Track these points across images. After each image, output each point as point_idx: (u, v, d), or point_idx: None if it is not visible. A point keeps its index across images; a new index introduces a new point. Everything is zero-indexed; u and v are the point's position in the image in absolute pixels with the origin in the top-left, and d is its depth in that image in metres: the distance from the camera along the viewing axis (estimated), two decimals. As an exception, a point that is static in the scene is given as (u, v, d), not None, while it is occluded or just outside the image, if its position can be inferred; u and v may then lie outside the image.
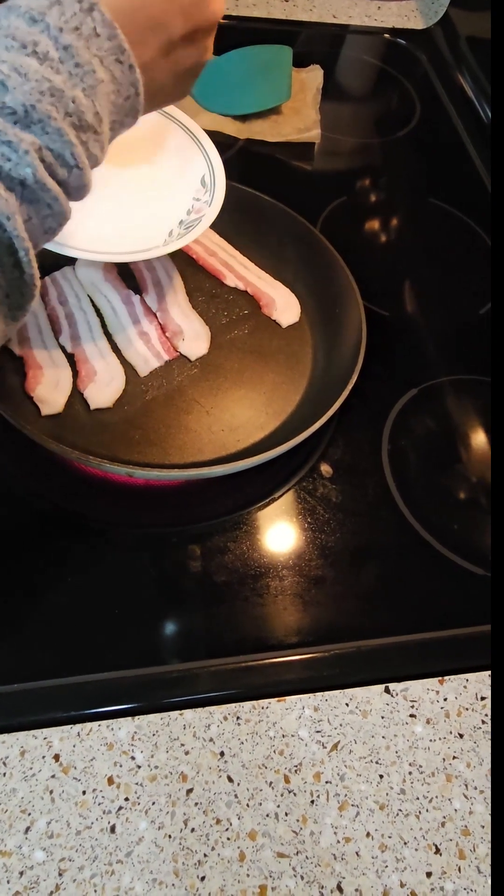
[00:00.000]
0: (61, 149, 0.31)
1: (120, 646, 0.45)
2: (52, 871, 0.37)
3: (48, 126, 0.30)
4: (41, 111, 0.30)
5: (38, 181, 0.30)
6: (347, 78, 0.90)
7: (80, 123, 0.32)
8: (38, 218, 0.31)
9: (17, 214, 0.29)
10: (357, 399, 0.54)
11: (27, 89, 0.30)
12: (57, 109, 0.31)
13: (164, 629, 0.46)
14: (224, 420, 0.55)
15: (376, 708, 0.45)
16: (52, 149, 0.31)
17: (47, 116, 0.30)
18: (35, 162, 0.30)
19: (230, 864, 0.39)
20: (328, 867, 0.39)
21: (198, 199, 0.57)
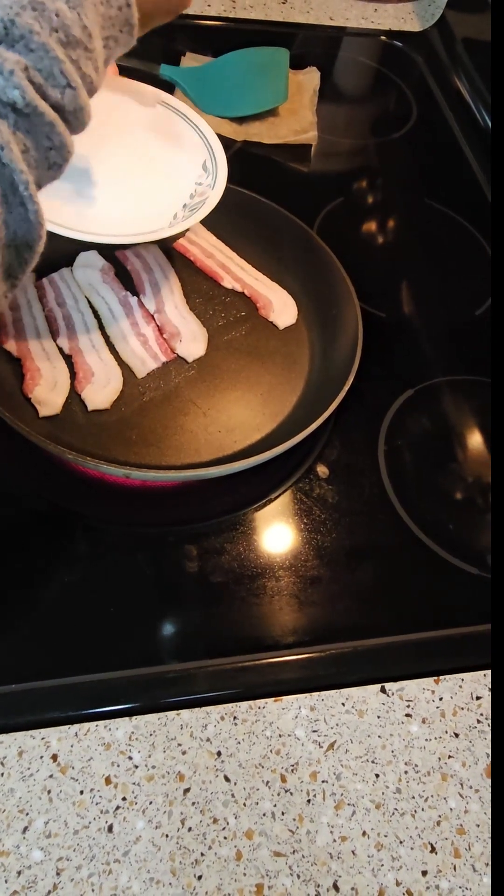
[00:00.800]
0: (49, 66, 0.29)
1: (117, 646, 0.45)
2: (49, 870, 0.37)
3: (31, 42, 0.28)
4: (22, 25, 0.28)
5: (28, 103, 0.28)
6: (344, 80, 0.90)
7: (66, 39, 0.29)
8: (38, 150, 0.29)
9: (11, 143, 0.27)
10: (354, 400, 0.54)
11: (6, 3, 0.28)
12: (40, 24, 0.28)
13: (161, 629, 0.46)
14: (221, 421, 0.55)
15: (372, 707, 0.45)
16: (40, 68, 0.28)
17: (29, 31, 0.28)
18: (23, 83, 0.28)
19: (227, 863, 0.39)
20: (324, 866, 0.39)
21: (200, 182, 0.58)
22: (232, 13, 0.92)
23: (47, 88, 0.29)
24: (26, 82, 0.28)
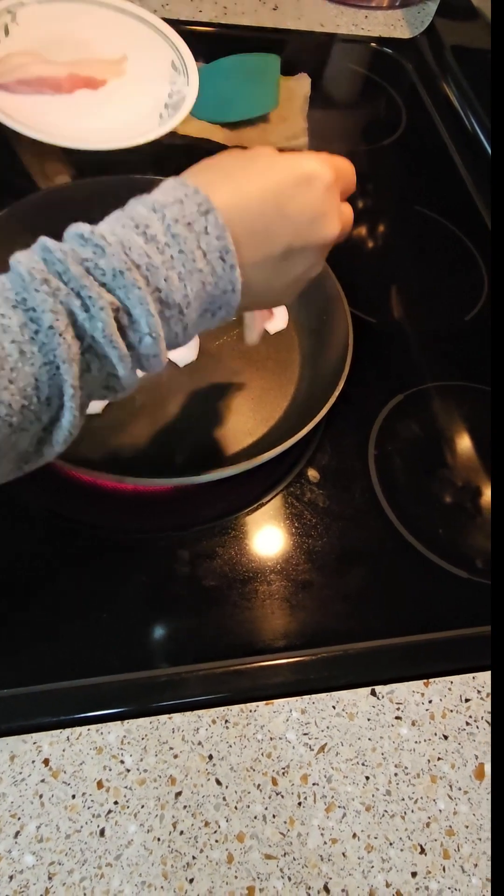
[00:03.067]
0: (139, 315, 0.32)
1: (108, 650, 0.45)
2: (41, 874, 0.38)
3: (131, 292, 0.31)
4: (129, 279, 0.31)
5: (106, 336, 0.31)
6: (334, 86, 0.91)
7: (165, 300, 0.33)
8: (101, 373, 0.32)
9: (75, 363, 0.30)
10: (344, 405, 0.54)
11: (123, 259, 0.31)
12: (147, 282, 0.32)
13: (153, 633, 0.47)
14: (212, 426, 0.55)
15: (362, 710, 0.45)
16: (131, 313, 0.32)
17: (133, 284, 0.31)
18: (108, 319, 0.31)
19: (218, 865, 0.39)
20: (315, 868, 0.40)
21: (174, 83, 0.61)
22: (223, 19, 0.92)
23: (129, 331, 0.32)
24: (111, 319, 0.31)
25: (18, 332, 0.29)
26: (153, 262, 0.32)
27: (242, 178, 0.36)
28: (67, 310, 0.30)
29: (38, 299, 0.30)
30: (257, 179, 0.36)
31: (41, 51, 0.67)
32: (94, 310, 0.30)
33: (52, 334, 0.30)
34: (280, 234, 0.37)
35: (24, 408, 0.30)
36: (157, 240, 0.32)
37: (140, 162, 0.75)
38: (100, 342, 0.31)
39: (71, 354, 0.30)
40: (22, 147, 0.65)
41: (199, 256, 0.33)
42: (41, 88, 0.66)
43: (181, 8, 0.92)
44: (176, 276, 0.33)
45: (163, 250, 0.32)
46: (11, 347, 0.29)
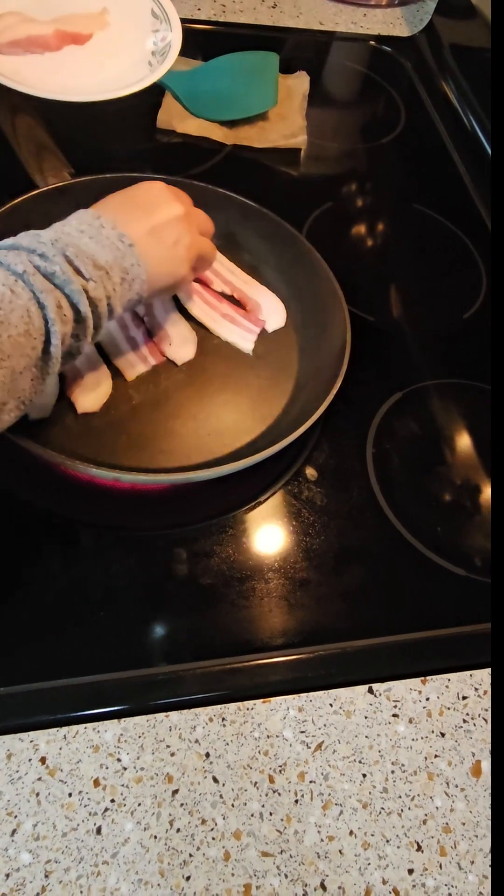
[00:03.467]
0: (79, 266, 0.43)
1: (106, 649, 0.45)
2: (38, 872, 0.38)
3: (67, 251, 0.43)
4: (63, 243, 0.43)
5: (63, 273, 0.42)
6: (333, 84, 0.91)
7: (95, 262, 0.44)
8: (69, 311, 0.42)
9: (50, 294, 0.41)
10: (342, 403, 0.54)
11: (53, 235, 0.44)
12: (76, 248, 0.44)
13: (150, 631, 0.47)
14: (210, 424, 0.55)
15: (360, 708, 0.45)
16: (73, 264, 0.43)
17: (67, 245, 0.43)
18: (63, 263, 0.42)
19: (215, 863, 0.39)
20: (312, 865, 0.40)
21: (157, 30, 0.64)
22: (222, 17, 0.92)
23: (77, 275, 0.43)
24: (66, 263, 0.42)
25: (4, 279, 0.40)
26: (75, 241, 0.44)
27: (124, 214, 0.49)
28: (32, 263, 0.41)
29: (8, 260, 0.41)
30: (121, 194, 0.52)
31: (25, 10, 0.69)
32: (49, 258, 0.42)
33: (27, 276, 0.40)
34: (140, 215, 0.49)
35: (25, 332, 0.39)
36: (72, 234, 0.45)
37: (139, 159, 0.75)
38: (60, 280, 0.41)
39: (45, 287, 0.41)
40: (20, 144, 0.65)
41: (104, 237, 0.45)
42: (31, 48, 0.67)
43: (180, 6, 0.91)
44: (95, 247, 0.44)
45: (78, 238, 0.44)
46: (4, 289, 0.39)
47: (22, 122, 0.66)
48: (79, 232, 0.45)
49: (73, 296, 0.42)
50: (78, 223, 0.46)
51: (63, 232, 0.45)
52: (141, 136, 0.77)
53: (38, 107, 0.70)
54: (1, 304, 0.39)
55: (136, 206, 0.50)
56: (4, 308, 0.39)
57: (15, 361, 0.39)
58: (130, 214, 0.49)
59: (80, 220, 0.46)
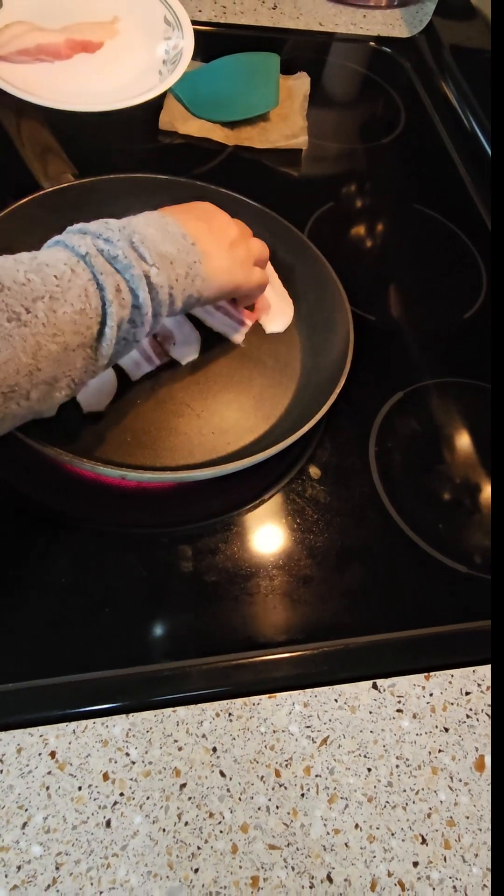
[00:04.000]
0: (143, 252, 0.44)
1: (112, 645, 0.46)
2: (48, 864, 0.38)
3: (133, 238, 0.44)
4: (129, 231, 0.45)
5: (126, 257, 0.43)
6: (333, 85, 0.92)
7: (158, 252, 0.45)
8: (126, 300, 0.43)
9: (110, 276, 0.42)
10: (344, 402, 0.55)
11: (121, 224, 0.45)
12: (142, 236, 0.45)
13: (157, 628, 0.47)
14: (214, 423, 0.56)
15: (364, 703, 0.46)
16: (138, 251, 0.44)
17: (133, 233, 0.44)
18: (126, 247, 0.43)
19: (223, 856, 0.40)
20: (318, 858, 0.40)
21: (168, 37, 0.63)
22: (223, 18, 0.93)
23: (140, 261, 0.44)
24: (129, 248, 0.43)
25: (66, 259, 0.41)
26: (141, 231, 0.45)
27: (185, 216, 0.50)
28: (96, 246, 0.42)
29: (73, 242, 0.42)
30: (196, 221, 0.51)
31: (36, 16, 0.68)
32: (112, 243, 0.43)
33: (89, 258, 0.41)
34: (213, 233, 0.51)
35: (81, 310, 0.40)
36: (139, 223, 0.46)
37: (142, 160, 0.75)
38: (122, 265, 0.42)
39: (105, 269, 0.42)
40: (24, 146, 0.65)
41: (168, 234, 0.46)
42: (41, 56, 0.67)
43: (181, 7, 0.92)
44: (159, 240, 0.45)
45: (145, 228, 0.46)
46: (64, 267, 0.41)
47: (26, 125, 0.66)
48: (145, 223, 0.46)
49: (133, 280, 0.42)
50: (145, 218, 0.47)
51: (130, 221, 0.46)
52: (143, 137, 0.77)
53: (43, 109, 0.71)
54: (60, 282, 0.40)
55: (194, 215, 0.51)
56: (63, 285, 0.40)
57: (69, 338, 0.40)
58: (190, 219, 0.50)
59: (147, 216, 0.47)
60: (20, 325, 0.38)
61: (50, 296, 0.39)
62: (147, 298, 0.43)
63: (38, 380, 0.39)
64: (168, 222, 0.47)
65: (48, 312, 0.39)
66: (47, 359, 0.39)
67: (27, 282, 0.39)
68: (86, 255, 0.41)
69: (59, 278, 0.40)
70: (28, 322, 0.38)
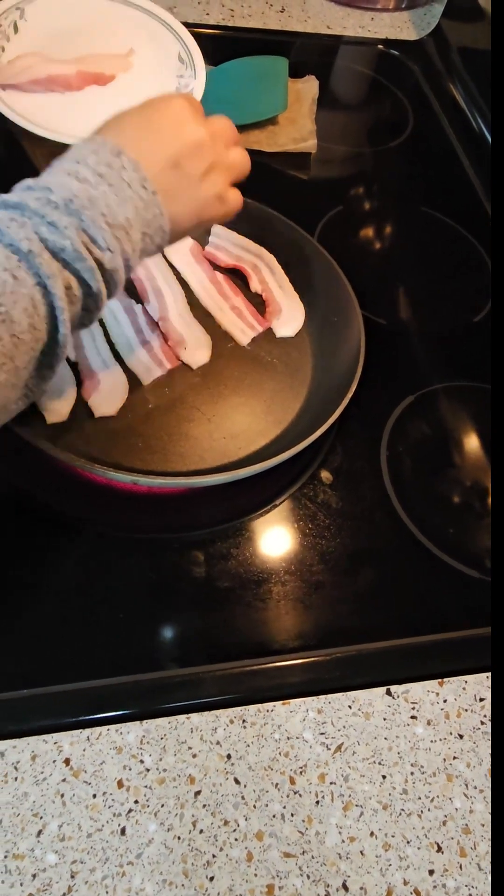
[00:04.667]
0: (95, 234, 0.38)
1: (126, 651, 0.45)
2: (64, 873, 0.38)
3: (83, 215, 0.37)
4: (77, 205, 0.37)
5: (76, 251, 0.37)
6: (341, 88, 0.92)
7: (112, 221, 0.39)
8: (79, 291, 0.38)
9: (58, 278, 0.36)
10: (355, 407, 0.55)
11: (68, 191, 0.38)
12: (92, 208, 0.38)
13: (170, 634, 0.47)
14: (225, 428, 0.55)
15: (378, 710, 0.46)
16: (88, 233, 0.38)
17: (83, 208, 0.38)
18: (74, 235, 0.37)
19: (238, 864, 0.39)
20: (333, 866, 0.40)
21: (181, 75, 0.64)
22: (231, 22, 0.93)
23: (91, 247, 0.38)
24: (77, 236, 0.37)
25: (5, 262, 0.35)
26: (92, 195, 0.38)
27: (127, 115, 0.44)
28: (39, 237, 0.36)
29: (10, 234, 0.35)
30: (136, 112, 0.44)
31: (49, 45, 0.68)
32: (59, 229, 0.37)
33: (33, 257, 0.35)
34: (182, 160, 0.43)
35: (30, 325, 0.35)
36: (89, 180, 0.39)
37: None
38: (71, 257, 0.37)
39: (53, 270, 0.36)
40: (34, 147, 0.65)
41: (125, 187, 0.40)
42: (52, 87, 0.66)
43: (188, 11, 0.92)
44: (114, 203, 0.39)
45: (96, 186, 0.39)
46: (5, 275, 0.35)
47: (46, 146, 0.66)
48: (97, 177, 0.39)
49: (85, 273, 0.38)
50: (96, 162, 0.39)
51: (78, 180, 0.38)
52: (152, 140, 0.77)
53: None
54: (2, 297, 0.34)
55: (155, 131, 0.43)
56: (6, 302, 0.34)
57: (19, 360, 0.36)
58: (150, 143, 0.42)
59: (99, 158, 0.40)
60: None
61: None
62: (101, 287, 0.39)
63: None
64: (124, 165, 0.40)
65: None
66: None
67: None
68: (28, 254, 0.35)
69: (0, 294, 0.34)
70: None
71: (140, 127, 0.43)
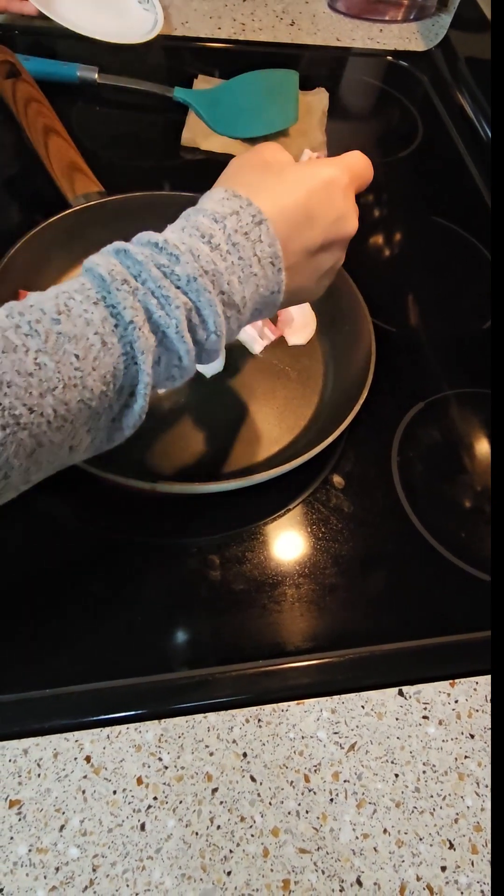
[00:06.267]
0: (208, 316, 0.36)
1: (144, 653, 0.47)
2: (86, 866, 0.39)
3: (202, 296, 0.36)
4: (200, 284, 0.35)
5: (178, 333, 0.35)
6: (350, 99, 0.93)
7: (228, 301, 0.37)
8: (167, 366, 0.37)
9: (150, 354, 0.34)
10: (366, 413, 0.56)
11: (195, 266, 0.36)
12: (214, 286, 0.36)
13: (187, 636, 0.48)
14: (239, 435, 0.57)
15: (390, 710, 0.47)
16: (201, 314, 0.36)
17: (204, 289, 0.36)
18: (181, 317, 0.35)
19: (255, 859, 0.40)
20: (347, 862, 0.41)
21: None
22: (241, 35, 0.94)
23: (198, 329, 0.36)
24: (184, 318, 0.35)
25: (100, 325, 0.33)
26: (218, 269, 0.36)
27: (278, 188, 0.40)
28: (145, 307, 0.34)
29: (118, 297, 0.33)
30: (291, 191, 0.40)
31: None
32: (169, 308, 0.35)
33: (133, 328, 0.33)
34: (311, 237, 0.41)
35: (102, 393, 0.33)
36: (220, 248, 0.37)
37: (165, 176, 0.77)
38: (172, 338, 0.35)
39: (147, 347, 0.34)
40: (53, 165, 0.67)
41: (254, 262, 0.38)
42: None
43: (200, 26, 0.94)
44: (237, 279, 0.37)
45: (225, 257, 0.37)
46: (95, 338, 0.32)
47: (54, 144, 0.68)
48: (230, 245, 0.37)
49: (181, 351, 0.36)
50: (234, 228, 0.37)
51: (211, 246, 0.37)
52: (167, 153, 0.79)
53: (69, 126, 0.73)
54: (81, 364, 0.32)
55: (304, 209, 0.40)
56: (84, 368, 0.32)
57: (79, 424, 0.33)
58: (297, 225, 0.40)
59: (239, 223, 0.38)
60: (17, 431, 0.30)
61: (63, 385, 0.31)
62: (192, 365, 0.37)
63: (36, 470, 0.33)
64: (262, 237, 0.38)
65: (57, 406, 0.31)
66: (48, 451, 0.32)
67: (37, 369, 0.31)
68: (129, 324, 0.33)
69: (80, 359, 0.32)
70: (28, 424, 0.30)
71: (292, 196, 0.40)
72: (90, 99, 0.81)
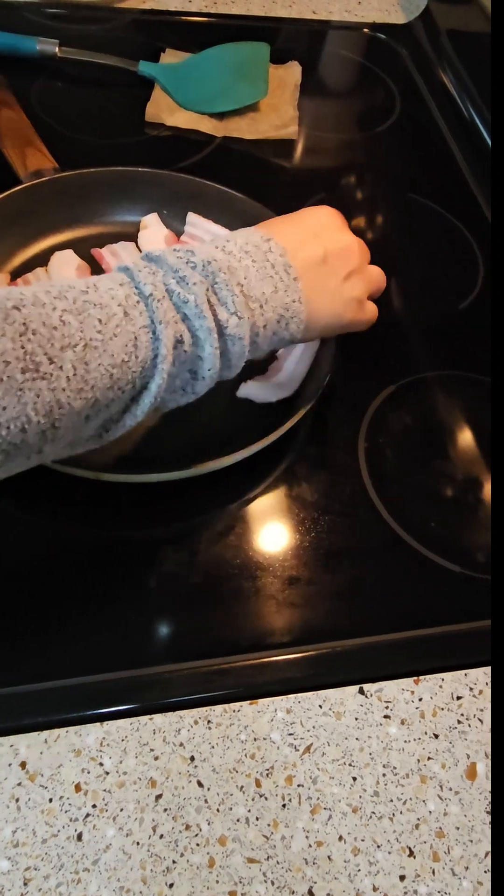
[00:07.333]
0: (225, 296, 0.38)
1: (88, 650, 0.44)
2: (16, 880, 0.37)
3: (218, 277, 0.38)
4: (215, 267, 0.38)
5: (198, 307, 0.37)
6: (328, 74, 0.90)
7: (247, 291, 0.40)
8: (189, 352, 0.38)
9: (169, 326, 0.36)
10: (333, 396, 0.53)
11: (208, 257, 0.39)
12: (229, 274, 0.39)
13: (135, 632, 0.46)
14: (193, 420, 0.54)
15: (350, 709, 0.44)
16: (218, 294, 0.38)
17: (219, 270, 0.39)
18: (200, 292, 0.37)
19: (199, 870, 0.38)
20: (299, 872, 0.39)
21: None
22: (213, 8, 0.91)
23: (218, 308, 0.38)
24: (203, 294, 0.37)
25: (124, 299, 0.36)
26: (233, 266, 0.40)
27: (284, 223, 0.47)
28: (165, 286, 0.37)
29: (140, 277, 0.37)
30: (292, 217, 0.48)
31: None
32: (187, 285, 0.37)
33: (152, 300, 0.36)
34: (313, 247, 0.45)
35: (123, 363, 0.35)
36: (234, 254, 0.41)
37: (127, 153, 0.74)
38: (192, 312, 0.37)
39: (167, 318, 0.36)
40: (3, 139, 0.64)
41: (268, 266, 0.41)
42: None
43: (170, -2, 0.91)
44: (253, 276, 0.40)
45: (240, 260, 0.40)
46: (118, 309, 0.35)
47: (4, 117, 0.65)
48: (243, 252, 0.41)
49: (201, 332, 0.37)
50: (244, 241, 0.42)
51: (224, 250, 0.40)
52: (129, 129, 0.76)
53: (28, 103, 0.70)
54: (103, 328, 0.34)
55: (305, 230, 0.46)
56: (105, 332, 0.34)
57: (100, 394, 0.34)
58: (300, 239, 0.45)
59: (248, 239, 0.42)
60: (37, 378, 0.31)
61: (85, 344, 0.33)
62: (216, 354, 0.38)
63: (52, 437, 0.34)
64: (271, 248, 0.42)
65: (77, 363, 0.33)
66: (67, 417, 0.33)
67: (61, 325, 0.33)
68: (149, 297, 0.36)
69: (103, 323, 0.34)
70: (47, 374, 0.32)
71: (292, 225, 0.46)
72: (51, 74, 0.78)
